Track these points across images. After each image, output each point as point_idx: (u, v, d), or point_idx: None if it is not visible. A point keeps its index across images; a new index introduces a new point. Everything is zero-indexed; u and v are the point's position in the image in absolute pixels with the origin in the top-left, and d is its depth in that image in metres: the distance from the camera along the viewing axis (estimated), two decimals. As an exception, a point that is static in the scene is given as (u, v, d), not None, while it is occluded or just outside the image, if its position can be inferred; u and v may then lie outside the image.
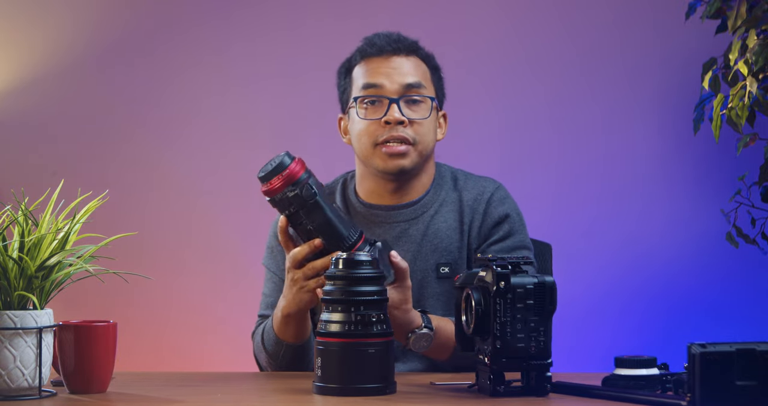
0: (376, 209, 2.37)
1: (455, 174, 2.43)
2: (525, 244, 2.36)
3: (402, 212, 2.36)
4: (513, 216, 2.37)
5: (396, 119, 2.29)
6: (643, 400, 1.73)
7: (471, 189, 2.39)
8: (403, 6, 3.44)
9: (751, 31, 2.71)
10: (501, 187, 2.41)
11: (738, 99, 2.72)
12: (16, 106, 3.47)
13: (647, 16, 3.40)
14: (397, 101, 2.30)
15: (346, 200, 2.40)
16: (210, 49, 3.48)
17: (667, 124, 3.39)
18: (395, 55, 2.34)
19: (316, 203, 1.99)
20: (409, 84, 2.32)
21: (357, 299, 1.81)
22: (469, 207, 2.36)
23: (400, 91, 2.32)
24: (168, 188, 3.47)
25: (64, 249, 1.86)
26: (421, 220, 2.36)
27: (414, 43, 2.38)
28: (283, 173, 1.99)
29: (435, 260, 2.33)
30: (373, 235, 2.33)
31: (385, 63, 2.34)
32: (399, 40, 2.36)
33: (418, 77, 2.34)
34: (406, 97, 2.32)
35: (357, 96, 2.34)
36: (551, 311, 1.78)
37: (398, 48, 2.35)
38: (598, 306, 3.38)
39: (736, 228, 3.03)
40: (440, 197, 2.38)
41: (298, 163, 2.01)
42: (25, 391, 1.82)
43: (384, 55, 2.34)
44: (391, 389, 1.83)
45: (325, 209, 2.00)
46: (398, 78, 2.32)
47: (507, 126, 3.43)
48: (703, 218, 3.36)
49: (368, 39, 2.38)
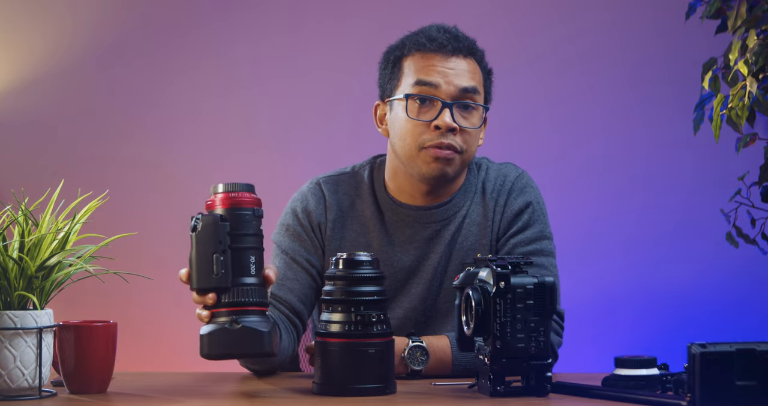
0: (407, 209, 2.26)
1: (479, 162, 2.33)
2: (544, 234, 2.27)
3: (434, 212, 2.26)
4: (533, 204, 2.27)
5: (447, 125, 2.17)
6: (643, 400, 1.73)
7: (493, 179, 2.29)
8: (404, 7, 3.44)
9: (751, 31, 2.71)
10: (522, 175, 2.32)
11: (738, 99, 2.72)
12: (16, 106, 3.47)
13: (647, 17, 3.40)
14: (451, 106, 2.18)
15: (374, 193, 2.29)
16: (210, 49, 3.48)
17: (667, 124, 3.39)
18: (454, 55, 2.21)
19: (192, 237, 1.81)
20: (465, 88, 2.20)
21: (357, 299, 1.81)
22: (492, 199, 2.27)
23: (455, 94, 2.19)
24: (168, 188, 3.47)
25: (64, 249, 1.86)
26: (453, 220, 2.27)
27: (473, 42, 2.26)
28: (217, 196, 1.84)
29: (461, 260, 2.25)
30: (403, 235, 2.25)
31: (443, 62, 2.21)
32: (458, 38, 2.23)
33: (475, 82, 2.22)
34: (459, 102, 2.19)
35: (409, 93, 2.20)
36: (551, 311, 1.78)
37: (458, 48, 2.21)
38: (598, 306, 3.38)
39: (736, 228, 3.03)
40: (470, 193, 2.28)
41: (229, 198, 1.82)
42: (25, 391, 1.82)
43: (442, 53, 2.21)
44: (391, 389, 1.83)
45: (192, 247, 1.80)
46: (456, 80, 2.19)
47: (507, 126, 3.42)
48: (703, 218, 3.36)
49: (426, 32, 2.24)
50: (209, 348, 1.77)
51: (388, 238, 2.26)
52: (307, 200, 2.29)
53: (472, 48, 2.25)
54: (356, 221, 2.28)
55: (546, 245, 2.26)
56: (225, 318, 1.77)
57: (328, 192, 2.29)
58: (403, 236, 2.26)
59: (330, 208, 2.28)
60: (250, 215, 1.81)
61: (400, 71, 2.24)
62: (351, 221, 2.28)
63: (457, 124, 2.18)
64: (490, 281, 1.79)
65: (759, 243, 3.11)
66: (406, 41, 2.26)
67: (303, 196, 2.30)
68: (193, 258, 1.79)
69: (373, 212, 2.28)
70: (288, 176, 2.67)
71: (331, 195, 2.29)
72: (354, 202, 2.29)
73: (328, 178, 2.32)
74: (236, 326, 1.76)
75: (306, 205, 2.28)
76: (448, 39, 2.22)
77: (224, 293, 1.78)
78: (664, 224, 3.39)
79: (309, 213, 2.27)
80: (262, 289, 1.81)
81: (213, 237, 1.78)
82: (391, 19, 3.45)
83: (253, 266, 1.80)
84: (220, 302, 1.78)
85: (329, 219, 2.27)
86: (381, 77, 2.29)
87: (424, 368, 2.08)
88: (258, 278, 1.80)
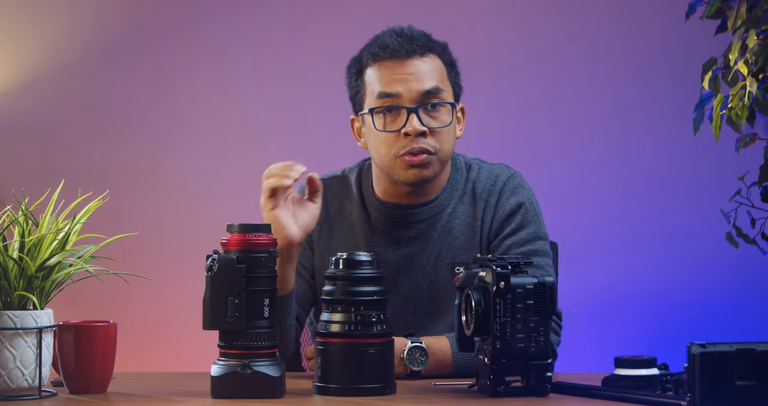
0: (391, 208, 2.27)
1: (469, 163, 2.32)
2: (539, 234, 2.26)
3: (420, 211, 2.27)
4: (526, 205, 2.26)
5: (416, 131, 2.16)
6: (643, 400, 1.73)
7: (484, 180, 2.29)
8: (404, 7, 3.44)
9: (751, 31, 2.71)
10: (515, 175, 2.30)
11: (738, 99, 2.72)
12: (16, 106, 3.47)
13: (647, 17, 3.40)
14: (416, 110, 2.18)
15: (361, 195, 2.30)
16: (210, 49, 3.48)
17: (667, 124, 3.39)
18: (410, 57, 2.20)
19: (207, 278, 1.81)
20: (427, 91, 2.19)
21: (357, 299, 1.81)
22: (483, 200, 2.27)
23: (418, 99, 2.18)
24: (168, 188, 3.47)
25: (65, 249, 1.86)
26: (439, 219, 2.27)
27: (428, 38, 2.24)
28: (233, 236, 1.82)
29: (450, 260, 2.26)
30: (389, 235, 2.27)
31: (400, 68, 2.20)
32: (413, 39, 2.21)
33: (436, 81, 2.20)
34: (425, 104, 2.19)
35: (373, 108, 2.20)
36: (551, 311, 1.78)
37: (412, 49, 2.20)
38: (598, 306, 3.38)
39: (736, 228, 3.03)
40: (457, 192, 2.29)
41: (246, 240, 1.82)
42: (25, 391, 1.82)
43: (398, 58, 2.20)
44: (391, 389, 1.83)
45: (207, 288, 1.80)
46: (416, 85, 2.18)
47: (507, 126, 3.42)
48: (703, 218, 3.36)
49: (379, 40, 2.24)
50: (220, 391, 1.80)
51: (376, 238, 2.28)
52: None
53: (428, 45, 2.23)
54: (344, 222, 2.30)
55: (541, 246, 2.26)
56: (236, 362, 1.79)
57: None
58: (389, 236, 2.27)
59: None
60: (266, 257, 1.82)
61: (364, 84, 2.24)
62: (339, 223, 2.30)
63: (426, 127, 2.18)
64: (490, 281, 1.79)
65: (759, 243, 3.10)
66: (363, 52, 2.26)
67: None
68: (207, 299, 1.81)
69: (360, 213, 2.29)
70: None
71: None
72: (342, 204, 2.32)
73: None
74: (248, 371, 1.79)
75: None
76: (401, 43, 2.21)
77: (237, 336, 1.80)
78: (664, 224, 3.39)
79: None
80: (274, 331, 1.83)
81: (229, 280, 1.79)
82: (391, 19, 3.44)
83: (267, 308, 1.82)
84: (232, 344, 1.80)
85: (317, 221, 2.28)
86: (349, 91, 2.29)
87: (423, 368, 2.08)
88: (271, 320, 1.82)
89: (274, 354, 1.83)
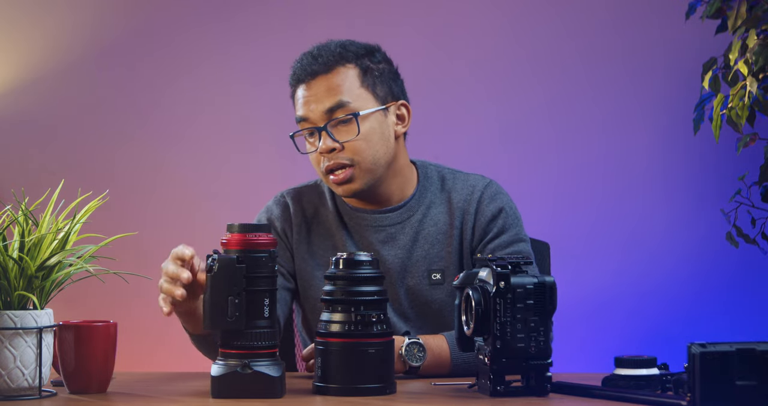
0: (361, 213, 2.31)
1: (442, 173, 2.36)
2: (520, 237, 2.30)
3: (387, 216, 2.31)
4: (506, 210, 2.31)
5: (326, 149, 2.21)
6: (643, 400, 1.73)
7: (460, 189, 2.32)
8: (404, 7, 3.44)
9: (751, 31, 2.71)
10: (491, 184, 2.34)
11: (738, 99, 2.72)
12: (16, 106, 3.47)
13: (647, 17, 3.40)
14: (324, 129, 2.22)
15: (335, 201, 2.35)
16: (211, 49, 3.48)
17: (667, 124, 3.39)
18: (314, 78, 2.24)
19: (208, 278, 1.81)
20: (329, 108, 2.22)
21: (357, 299, 1.82)
22: (460, 209, 2.31)
23: (324, 118, 2.22)
24: (168, 188, 3.47)
25: (65, 249, 1.86)
26: (408, 225, 2.31)
27: (336, 52, 2.25)
28: (233, 236, 1.82)
29: (426, 267, 2.29)
30: (361, 239, 2.30)
31: (306, 90, 2.24)
32: (316, 58, 2.24)
33: (339, 95, 2.22)
34: (332, 121, 2.22)
35: (291, 134, 2.30)
36: (551, 311, 1.79)
37: (316, 70, 2.23)
38: (599, 306, 3.38)
39: (736, 228, 3.03)
40: (427, 200, 2.32)
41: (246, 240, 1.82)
42: (25, 391, 1.82)
43: (305, 82, 2.25)
44: (391, 389, 1.83)
45: (207, 288, 1.80)
46: (317, 106, 2.22)
47: (507, 126, 3.43)
48: (703, 218, 3.36)
49: (294, 64, 2.28)
50: (220, 391, 1.80)
51: (351, 240, 2.32)
52: (272, 211, 2.37)
53: (335, 59, 2.25)
54: (321, 225, 2.35)
55: (524, 248, 2.30)
56: (236, 361, 1.79)
57: (291, 202, 2.36)
58: (363, 240, 2.31)
59: (295, 214, 2.35)
60: (266, 257, 1.82)
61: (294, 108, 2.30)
62: (316, 226, 2.35)
63: (337, 142, 2.22)
64: (490, 281, 1.79)
65: (759, 243, 3.11)
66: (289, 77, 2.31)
67: (268, 208, 2.39)
68: (207, 299, 1.81)
69: (335, 217, 2.34)
70: (288, 176, 2.66)
71: (294, 204, 2.36)
72: (318, 209, 2.36)
73: (291, 190, 2.40)
74: (248, 371, 1.79)
75: (270, 214, 2.36)
76: (305, 66, 2.25)
77: (237, 335, 1.80)
78: (664, 224, 3.39)
79: (273, 221, 2.35)
80: (274, 331, 1.83)
81: (229, 280, 1.79)
82: (392, 19, 3.45)
83: (267, 308, 1.82)
84: (232, 344, 1.80)
85: (295, 224, 2.34)
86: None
87: (421, 364, 2.09)
88: (271, 320, 1.82)
89: (274, 354, 1.83)
